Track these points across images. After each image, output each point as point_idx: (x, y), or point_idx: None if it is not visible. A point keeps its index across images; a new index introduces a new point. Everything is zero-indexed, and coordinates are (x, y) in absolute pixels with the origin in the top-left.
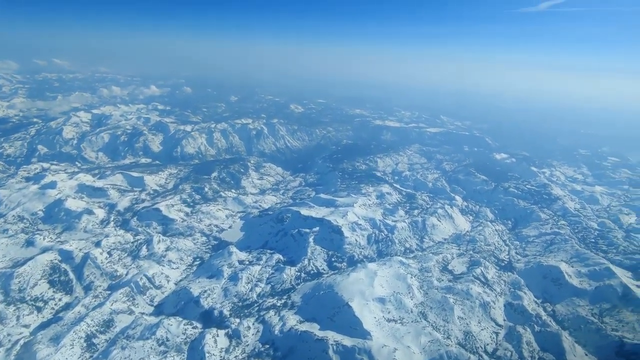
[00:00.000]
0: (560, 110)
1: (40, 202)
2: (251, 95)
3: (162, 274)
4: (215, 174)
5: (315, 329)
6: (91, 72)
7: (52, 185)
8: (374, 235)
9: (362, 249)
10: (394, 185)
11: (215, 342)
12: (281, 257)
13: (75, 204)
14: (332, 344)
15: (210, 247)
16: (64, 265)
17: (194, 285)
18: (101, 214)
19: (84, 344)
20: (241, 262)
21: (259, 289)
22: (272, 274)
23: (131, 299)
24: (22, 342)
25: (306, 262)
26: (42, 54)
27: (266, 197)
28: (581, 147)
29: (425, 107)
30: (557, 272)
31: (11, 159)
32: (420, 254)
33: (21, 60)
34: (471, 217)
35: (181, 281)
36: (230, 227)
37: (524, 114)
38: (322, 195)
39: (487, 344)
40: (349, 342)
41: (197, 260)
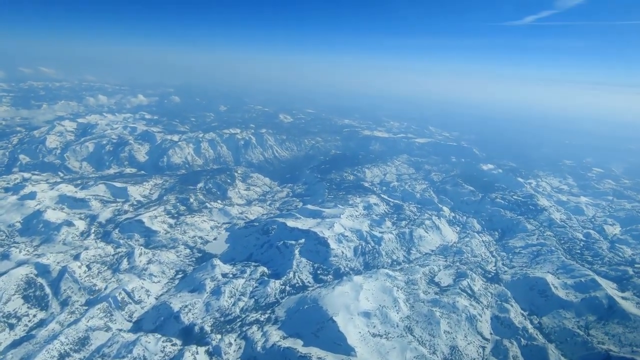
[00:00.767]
0: (545, 121)
1: (18, 214)
2: (240, 105)
3: (143, 288)
4: (201, 185)
5: (298, 345)
6: (78, 81)
7: (32, 195)
8: (360, 247)
9: (349, 261)
10: (382, 196)
11: (194, 359)
12: (266, 269)
13: (54, 216)
14: None
15: (194, 259)
16: (39, 279)
17: (174, 299)
18: (82, 225)
19: None
20: (225, 275)
21: (242, 304)
22: (256, 287)
23: (109, 314)
24: None
25: (291, 274)
26: (29, 62)
27: (252, 207)
28: (566, 158)
29: (414, 118)
30: (543, 284)
31: None
32: (407, 266)
33: (6, 68)
34: (458, 228)
35: (162, 295)
36: (215, 239)
37: (511, 125)
38: (309, 206)
39: (474, 359)
40: (332, 358)
41: (180, 273)
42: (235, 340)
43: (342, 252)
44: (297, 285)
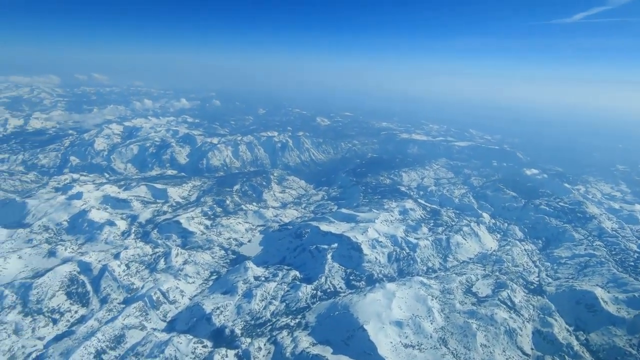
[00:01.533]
0: (595, 124)
1: (65, 213)
2: (279, 108)
3: (177, 288)
4: (237, 187)
5: (327, 352)
6: (127, 86)
7: (79, 195)
8: (394, 253)
9: (382, 267)
10: (419, 200)
11: None
12: (298, 274)
13: (98, 215)
14: None
15: (228, 261)
16: (82, 276)
17: (207, 301)
18: (123, 225)
19: None
20: (257, 278)
21: (273, 307)
22: (288, 291)
23: (144, 314)
24: (34, 355)
25: (323, 279)
26: (83, 68)
27: (287, 210)
28: (619, 163)
29: (454, 121)
30: (591, 298)
31: (45, 170)
32: (443, 274)
33: (63, 74)
34: (499, 236)
35: (196, 296)
36: (249, 241)
37: (558, 128)
38: (344, 210)
39: None
40: None
41: (214, 274)
42: (264, 344)
43: (376, 258)
44: (328, 290)
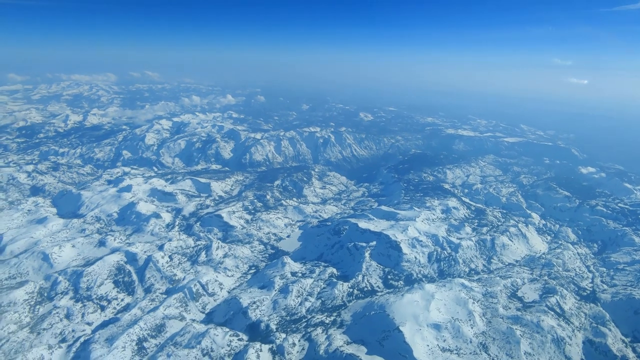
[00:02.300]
0: None
1: (116, 205)
2: (322, 103)
3: (216, 281)
4: (278, 182)
5: (361, 352)
6: (177, 83)
7: (128, 188)
8: (435, 253)
9: (422, 267)
10: (463, 199)
11: (257, 357)
12: (335, 271)
13: (145, 208)
14: None
15: (266, 255)
16: (128, 266)
17: (244, 295)
18: (168, 217)
19: (135, 347)
20: (294, 273)
21: (308, 304)
22: (324, 288)
23: (184, 305)
24: (82, 339)
25: (360, 278)
26: (137, 66)
27: (327, 206)
28: None
29: (503, 115)
30: None
31: (100, 163)
32: (486, 276)
33: (119, 72)
34: (549, 238)
35: (234, 289)
36: (288, 237)
37: (618, 123)
38: (383, 207)
39: None
40: None
41: (253, 268)
42: (299, 340)
43: (415, 258)
44: (365, 289)
